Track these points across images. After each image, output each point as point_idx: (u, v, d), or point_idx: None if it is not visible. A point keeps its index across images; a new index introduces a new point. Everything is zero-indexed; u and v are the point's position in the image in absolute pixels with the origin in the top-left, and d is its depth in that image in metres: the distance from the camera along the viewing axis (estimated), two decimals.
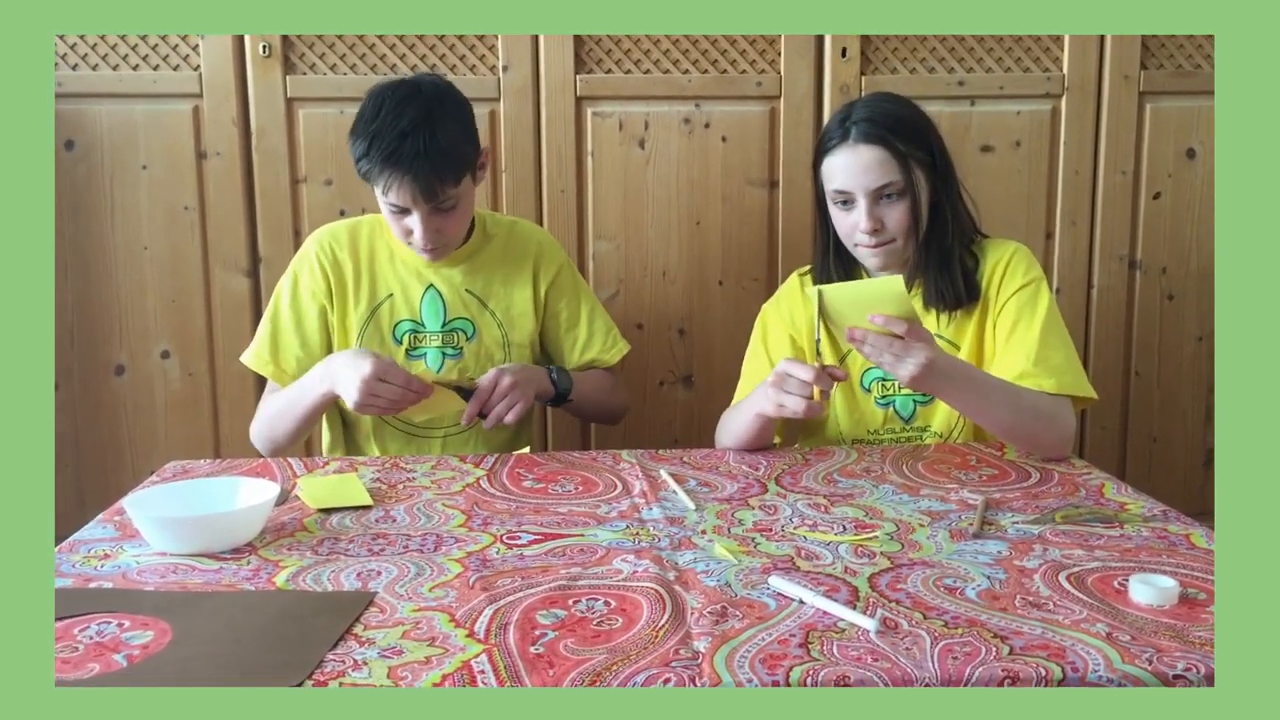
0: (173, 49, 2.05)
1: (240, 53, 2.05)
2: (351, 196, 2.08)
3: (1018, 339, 1.56)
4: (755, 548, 1.16)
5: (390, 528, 1.25)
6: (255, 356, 1.75)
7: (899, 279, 1.39)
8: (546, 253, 1.82)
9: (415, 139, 1.54)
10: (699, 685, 0.85)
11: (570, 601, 1.01)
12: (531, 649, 0.91)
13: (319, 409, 1.66)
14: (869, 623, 0.94)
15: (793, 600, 1.01)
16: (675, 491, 1.37)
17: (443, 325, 1.75)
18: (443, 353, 1.75)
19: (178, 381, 2.14)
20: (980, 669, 0.86)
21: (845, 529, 1.22)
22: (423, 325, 1.75)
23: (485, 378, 1.62)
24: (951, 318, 1.63)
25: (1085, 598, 1.01)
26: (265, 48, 2.04)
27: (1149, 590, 0.99)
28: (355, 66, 2.07)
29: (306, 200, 2.10)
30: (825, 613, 0.97)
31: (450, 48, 2.08)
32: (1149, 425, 2.27)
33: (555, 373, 1.74)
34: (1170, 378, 2.25)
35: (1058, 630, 0.93)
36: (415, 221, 1.62)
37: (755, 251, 2.16)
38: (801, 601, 1.00)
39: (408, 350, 1.75)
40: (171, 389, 2.14)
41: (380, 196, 1.63)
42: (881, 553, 1.14)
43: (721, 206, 2.15)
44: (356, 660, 0.89)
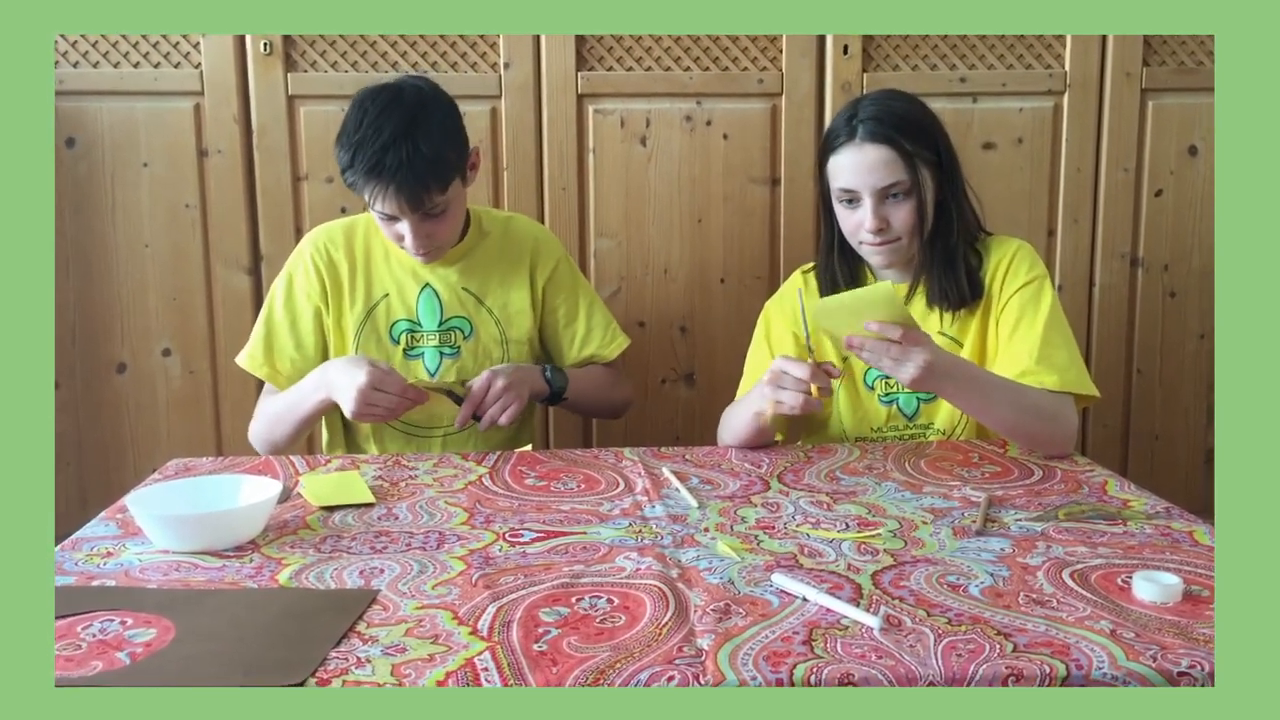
0: (174, 46, 2.05)
1: (241, 50, 2.05)
2: (352, 194, 2.06)
3: (1020, 336, 1.56)
4: (758, 545, 1.16)
5: (393, 525, 1.25)
6: (250, 358, 1.74)
7: (888, 284, 1.39)
8: (543, 248, 1.81)
9: (398, 150, 1.52)
10: (702, 683, 0.84)
11: (573, 599, 1.01)
12: (534, 647, 0.91)
13: (317, 415, 1.66)
14: (872, 620, 0.94)
15: (796, 598, 1.00)
16: (678, 489, 1.37)
17: (440, 325, 1.74)
18: (440, 352, 1.74)
19: (179, 379, 2.14)
20: (984, 666, 0.86)
21: (848, 526, 1.22)
22: (419, 325, 1.74)
23: (478, 380, 1.61)
24: (955, 316, 1.62)
25: (1089, 595, 1.01)
26: (266, 45, 2.03)
27: (1152, 587, 0.99)
28: (356, 64, 2.06)
29: (308, 198, 2.10)
30: (828, 610, 0.97)
31: (451, 45, 2.07)
32: (1151, 423, 2.27)
33: (549, 371, 1.73)
34: (1172, 375, 2.25)
35: (1061, 627, 0.93)
36: (405, 228, 1.61)
37: (757, 249, 2.16)
38: (805, 599, 1.00)
39: (405, 350, 1.74)
40: (173, 387, 2.14)
41: (369, 205, 1.62)
42: (884, 550, 1.14)
43: (723, 204, 2.15)
44: (359, 658, 0.89)
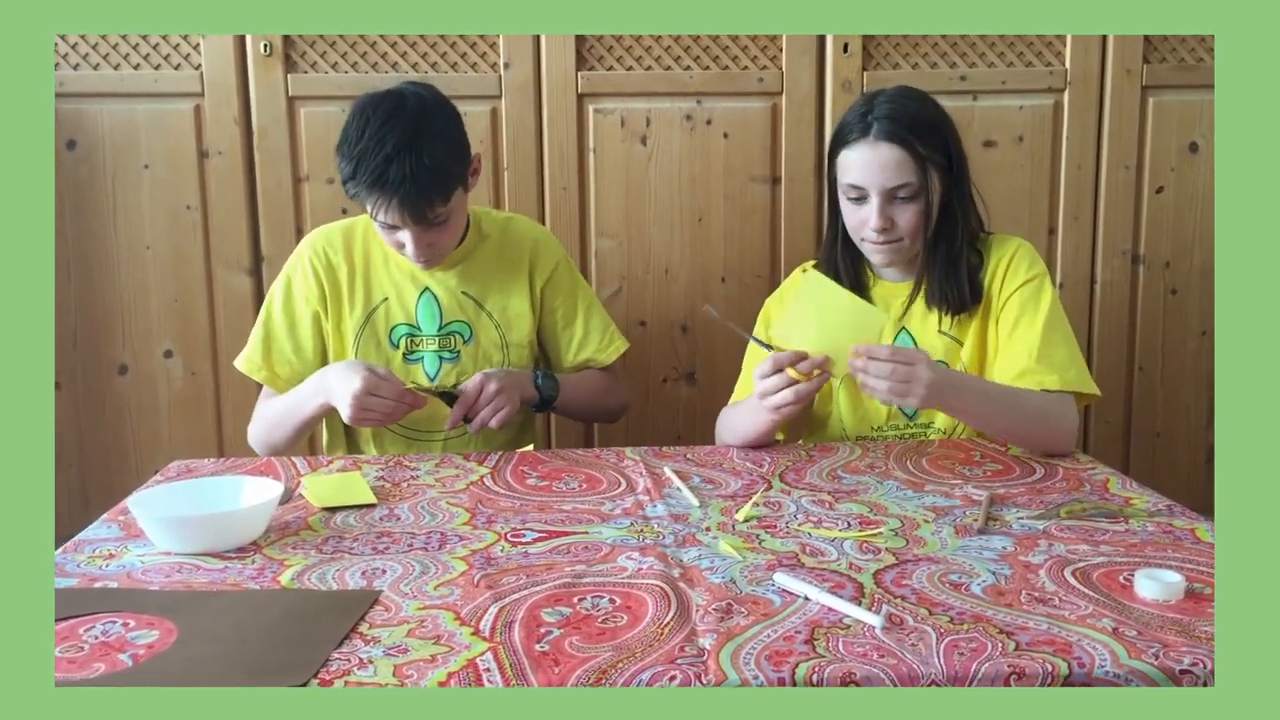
0: (174, 48, 2.05)
1: (241, 51, 2.05)
2: None
3: (1020, 335, 1.56)
4: (760, 544, 1.16)
5: (394, 526, 1.25)
6: (248, 361, 1.74)
7: (878, 312, 1.49)
8: (542, 250, 1.80)
9: (401, 163, 1.50)
10: (704, 682, 0.84)
11: (575, 599, 1.01)
12: (537, 647, 0.91)
13: (315, 419, 1.66)
14: (874, 619, 0.94)
15: (798, 597, 1.00)
16: (679, 488, 1.37)
17: (439, 329, 1.74)
18: (440, 356, 1.74)
19: (181, 381, 2.14)
20: (986, 665, 0.86)
21: (849, 525, 1.22)
22: (419, 329, 1.74)
23: (471, 382, 1.61)
24: (955, 316, 1.62)
25: (1091, 593, 1.01)
26: (266, 46, 2.03)
27: (1155, 585, 0.99)
28: (356, 65, 2.06)
29: (309, 199, 2.10)
30: (830, 609, 0.97)
31: (451, 45, 2.07)
32: (1152, 421, 2.26)
33: (540, 378, 1.72)
34: (1173, 373, 2.25)
35: (1064, 625, 0.93)
36: (407, 237, 1.60)
37: (757, 248, 2.16)
38: (806, 598, 1.00)
39: (405, 354, 1.74)
40: (174, 389, 2.14)
41: (371, 214, 1.61)
42: (886, 549, 1.14)
43: (723, 203, 2.14)
44: (362, 659, 0.89)
